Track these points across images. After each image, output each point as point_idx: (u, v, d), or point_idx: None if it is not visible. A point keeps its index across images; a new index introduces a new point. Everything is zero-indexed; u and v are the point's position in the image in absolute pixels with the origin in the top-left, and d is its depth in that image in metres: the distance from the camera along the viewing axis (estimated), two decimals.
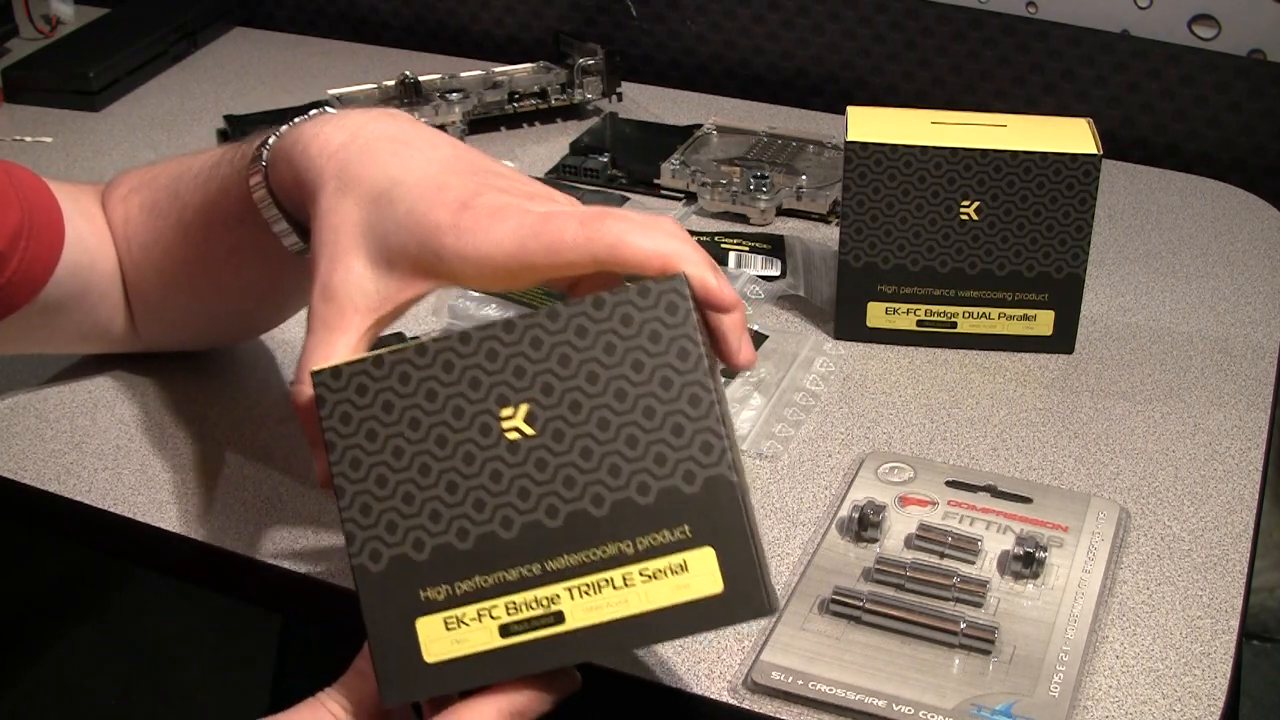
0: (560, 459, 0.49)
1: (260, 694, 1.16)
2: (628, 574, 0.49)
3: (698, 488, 0.48)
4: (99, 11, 1.28)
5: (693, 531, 0.48)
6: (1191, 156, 1.08)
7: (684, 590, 0.48)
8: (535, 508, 0.49)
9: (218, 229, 0.68)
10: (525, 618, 0.49)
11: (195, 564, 0.69)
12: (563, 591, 0.49)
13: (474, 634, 0.49)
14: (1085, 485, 0.71)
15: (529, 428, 0.49)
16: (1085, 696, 0.58)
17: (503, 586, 0.49)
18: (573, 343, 0.49)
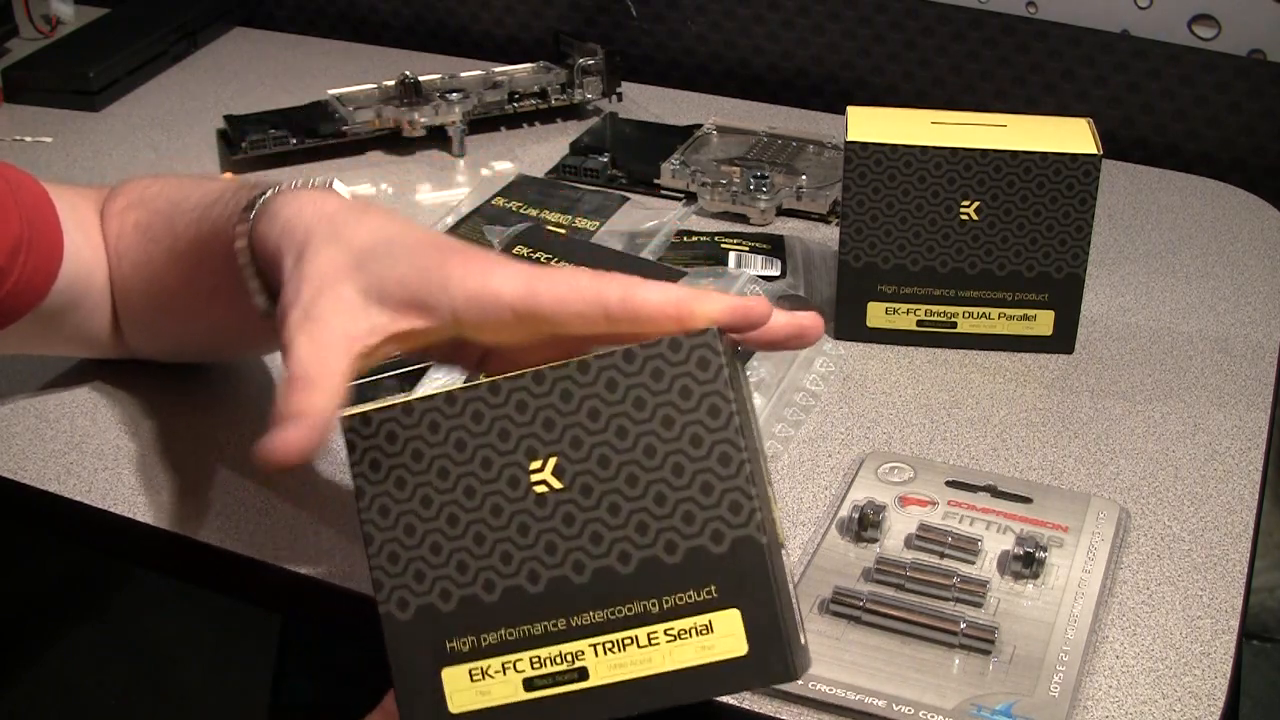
0: (588, 514, 0.49)
1: (260, 694, 1.16)
2: (652, 633, 0.48)
3: (725, 548, 0.48)
4: (99, 11, 1.28)
5: (719, 592, 0.48)
6: (1191, 156, 1.08)
7: (708, 651, 0.48)
8: (562, 563, 0.49)
9: (204, 268, 0.67)
10: (549, 672, 0.49)
11: (195, 564, 0.69)
12: (587, 648, 0.49)
13: (498, 686, 0.49)
14: (1085, 485, 0.71)
15: (557, 481, 0.49)
16: (1085, 696, 0.58)
17: (528, 640, 0.49)
18: (602, 396, 0.49)
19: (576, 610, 0.49)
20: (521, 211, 0.94)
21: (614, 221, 0.94)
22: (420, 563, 0.50)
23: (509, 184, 0.99)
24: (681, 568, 0.48)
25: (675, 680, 0.48)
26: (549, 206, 0.95)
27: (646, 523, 0.48)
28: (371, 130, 1.05)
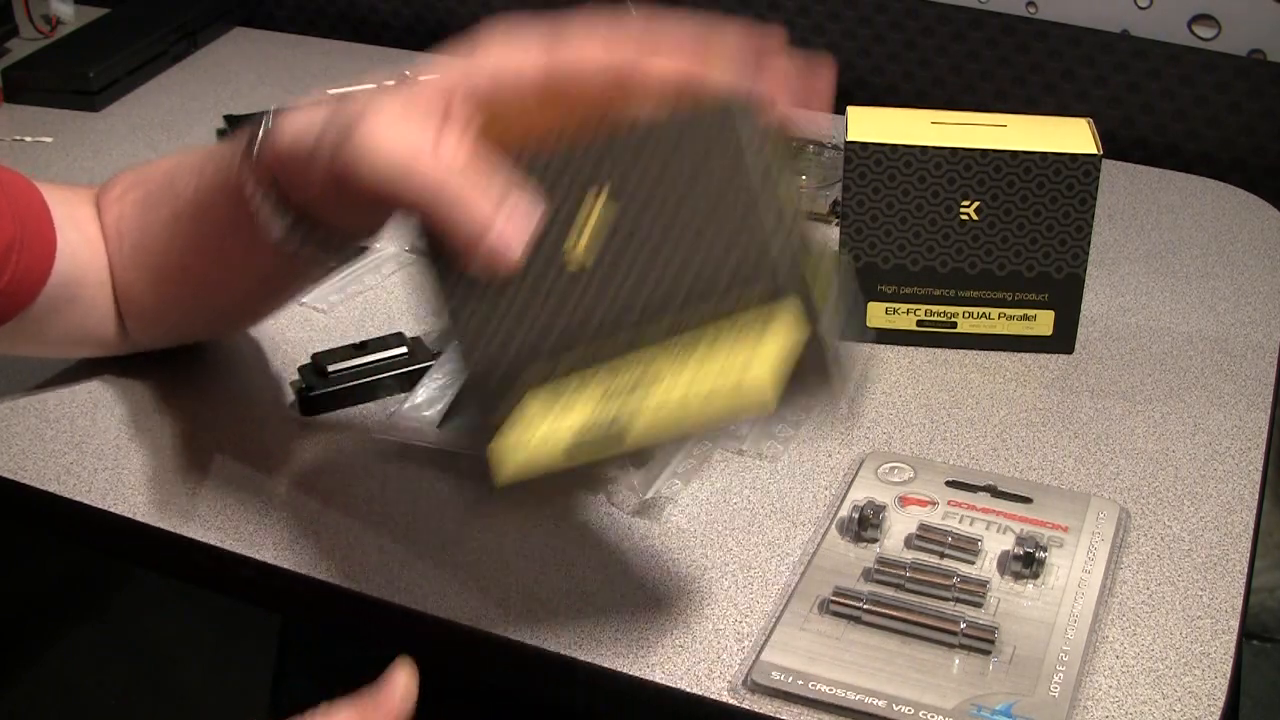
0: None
1: (260, 694, 1.16)
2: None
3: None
4: (99, 11, 1.28)
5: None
6: (1191, 156, 1.08)
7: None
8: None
9: (209, 216, 0.67)
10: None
11: (195, 564, 0.69)
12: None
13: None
14: (1085, 485, 0.71)
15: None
16: (1085, 696, 0.58)
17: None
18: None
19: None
20: None
21: None
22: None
23: None
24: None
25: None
26: None
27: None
28: None
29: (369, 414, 0.76)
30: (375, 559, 0.66)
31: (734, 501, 0.70)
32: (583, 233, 0.52)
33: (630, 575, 0.65)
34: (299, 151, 0.60)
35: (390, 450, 0.74)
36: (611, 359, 0.52)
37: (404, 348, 0.78)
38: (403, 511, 0.69)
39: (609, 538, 0.67)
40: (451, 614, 0.63)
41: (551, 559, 0.66)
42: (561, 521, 0.68)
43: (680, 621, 0.62)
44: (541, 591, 0.64)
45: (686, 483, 0.71)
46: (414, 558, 0.66)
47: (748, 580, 0.65)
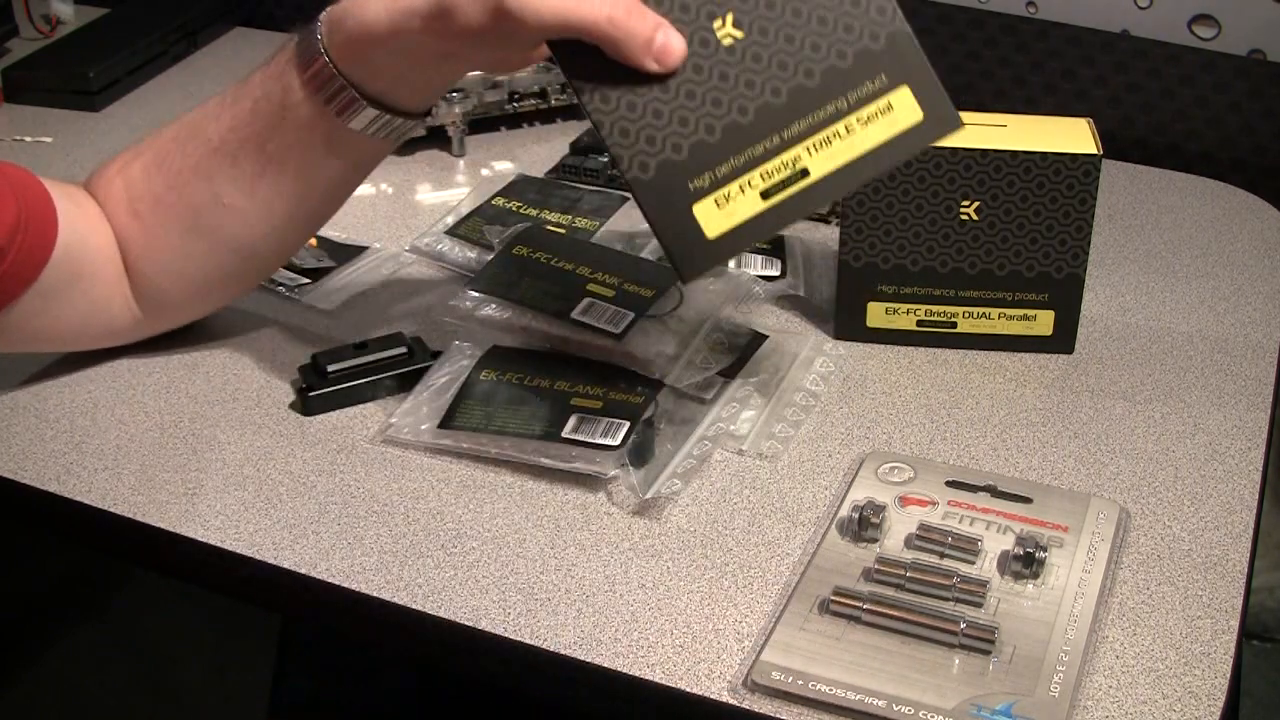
0: (770, 48, 0.62)
1: (260, 694, 1.16)
2: (848, 124, 0.62)
3: (883, 43, 0.62)
4: (99, 11, 1.28)
5: (888, 78, 0.62)
6: (1191, 156, 1.08)
7: (894, 125, 0.62)
8: (762, 92, 0.62)
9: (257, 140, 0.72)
10: (779, 180, 0.62)
11: (195, 564, 0.69)
12: (802, 151, 0.62)
13: (740, 205, 0.62)
14: (1085, 485, 0.71)
15: (738, 30, 0.62)
16: (1085, 696, 0.58)
17: (753, 160, 0.62)
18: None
19: (785, 125, 0.62)
20: (521, 211, 0.94)
21: (614, 221, 0.93)
22: (648, 129, 0.62)
23: (509, 184, 0.99)
24: (854, 68, 0.62)
25: (875, 154, 0.62)
26: (549, 206, 0.95)
27: (817, 42, 0.62)
28: None
29: (369, 414, 0.76)
30: (375, 559, 0.66)
31: (734, 501, 0.70)
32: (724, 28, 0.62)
33: (630, 575, 0.65)
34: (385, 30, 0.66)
35: (390, 450, 0.74)
36: (763, 160, 0.62)
37: (404, 348, 0.78)
38: (403, 511, 0.69)
39: (609, 538, 0.67)
40: (451, 614, 0.63)
41: (551, 559, 0.66)
42: (561, 521, 0.68)
43: (680, 621, 0.62)
44: (541, 591, 0.64)
45: (686, 483, 0.71)
46: (414, 558, 0.66)
47: (748, 580, 0.65)
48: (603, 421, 0.71)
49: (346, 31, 0.68)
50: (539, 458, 0.71)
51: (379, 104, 0.70)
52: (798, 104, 0.62)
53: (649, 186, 0.62)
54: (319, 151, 0.72)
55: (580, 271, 0.80)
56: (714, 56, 0.63)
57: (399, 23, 0.66)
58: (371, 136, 0.72)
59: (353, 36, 0.67)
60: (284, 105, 0.71)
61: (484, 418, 0.73)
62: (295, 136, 0.72)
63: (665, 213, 0.62)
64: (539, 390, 0.74)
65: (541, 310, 0.78)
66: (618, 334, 0.76)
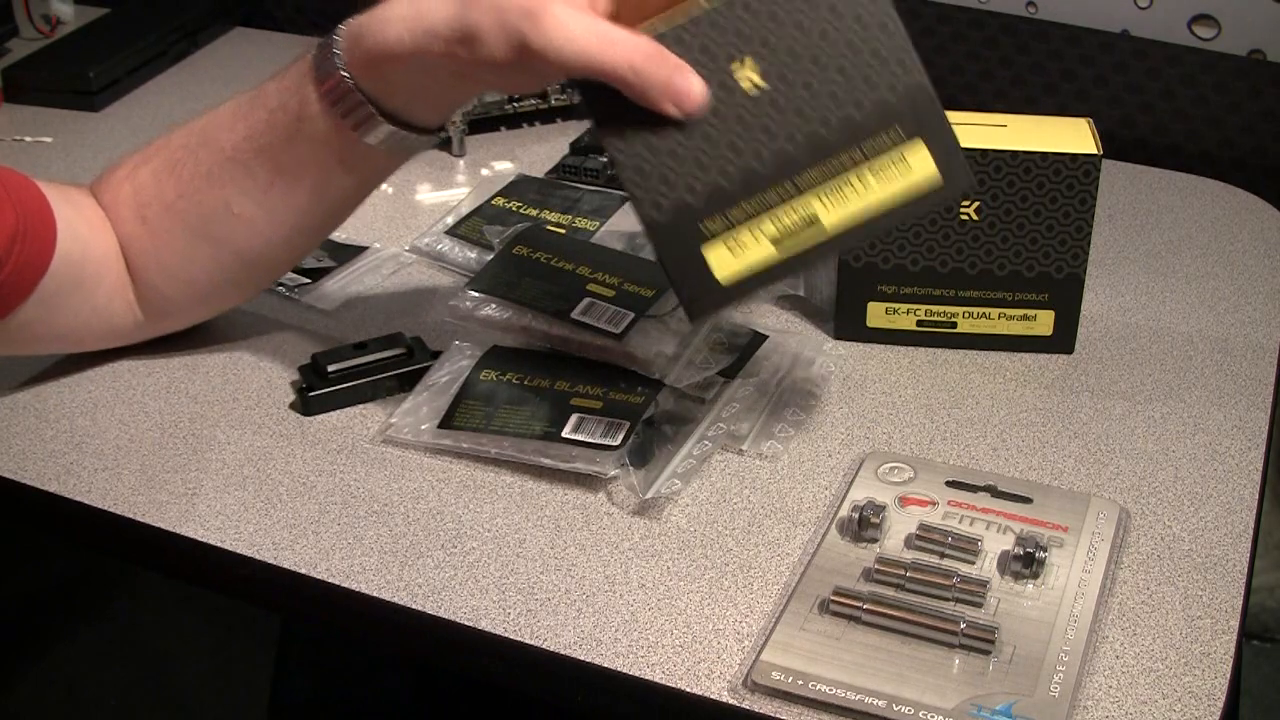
0: (789, 96, 0.62)
1: (260, 694, 1.16)
2: (861, 175, 0.62)
3: (901, 96, 0.62)
4: (99, 11, 1.28)
5: (904, 132, 0.62)
6: (1191, 156, 1.08)
7: (908, 180, 0.62)
8: (779, 139, 0.62)
9: (271, 151, 0.72)
10: (791, 227, 0.62)
11: (195, 564, 0.69)
12: (814, 200, 0.62)
13: (753, 251, 0.63)
14: (1085, 485, 0.71)
15: (759, 77, 0.62)
16: (1085, 696, 0.58)
17: (767, 206, 0.62)
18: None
19: (799, 172, 0.62)
20: (521, 211, 0.94)
21: (614, 221, 0.94)
22: (664, 170, 0.62)
23: (509, 184, 0.99)
24: (871, 119, 0.62)
25: (889, 210, 0.62)
26: (549, 206, 0.95)
27: (836, 92, 0.62)
28: None
29: (369, 414, 0.76)
30: (375, 559, 0.66)
31: (734, 501, 0.70)
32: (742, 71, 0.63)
33: (630, 575, 0.65)
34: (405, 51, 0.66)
35: (390, 450, 0.74)
36: (776, 207, 0.62)
37: (404, 348, 0.78)
38: (403, 511, 0.69)
39: (609, 538, 0.67)
40: (451, 614, 0.63)
41: (551, 559, 0.66)
42: (561, 521, 0.68)
43: (680, 621, 0.62)
44: (541, 591, 0.64)
45: (686, 483, 0.71)
46: (414, 558, 0.66)
47: (748, 580, 0.65)
48: (603, 421, 0.71)
49: (366, 49, 0.68)
50: (539, 458, 0.71)
51: (395, 120, 0.70)
52: (813, 152, 0.62)
53: (662, 227, 0.63)
54: (332, 165, 0.73)
55: (580, 271, 0.80)
56: (734, 102, 0.63)
57: (420, 44, 0.66)
58: (385, 151, 0.72)
59: (372, 54, 0.67)
60: (300, 118, 0.71)
61: (484, 418, 0.73)
62: (310, 149, 0.72)
63: (676, 254, 0.63)
64: (539, 390, 0.74)
65: (541, 310, 0.78)
66: (618, 334, 0.76)
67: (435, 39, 0.65)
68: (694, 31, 0.62)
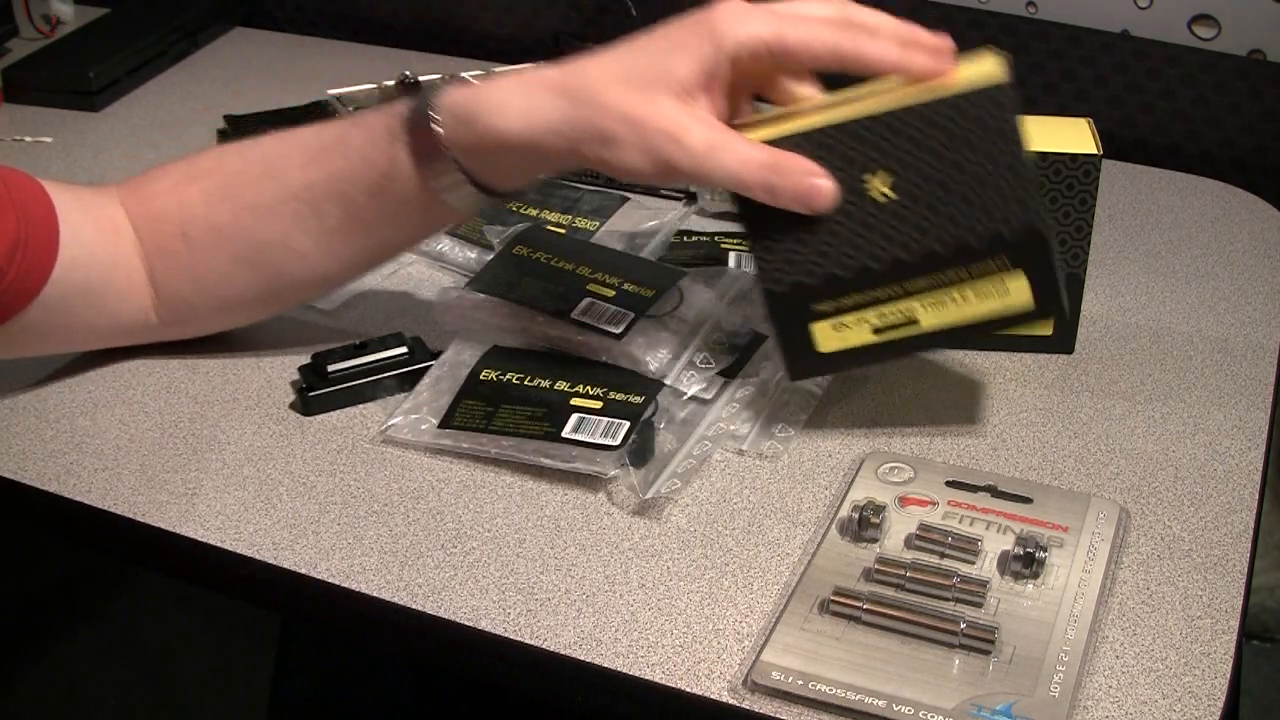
0: (914, 213, 0.66)
1: (260, 694, 1.16)
2: (963, 290, 0.68)
3: (1016, 233, 0.66)
4: (99, 11, 1.28)
5: (1011, 262, 0.67)
6: (1191, 156, 1.08)
7: (1004, 302, 0.68)
8: (896, 246, 0.67)
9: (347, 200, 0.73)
10: (892, 322, 0.69)
11: (195, 564, 0.69)
12: (918, 304, 0.68)
13: (854, 334, 0.69)
14: (1085, 485, 0.71)
15: (890, 191, 0.66)
16: (1085, 696, 0.58)
17: (874, 301, 0.68)
18: (920, 129, 0.65)
19: (909, 278, 0.68)
20: (521, 211, 0.94)
21: (614, 221, 0.94)
22: (790, 252, 0.68)
23: None
24: (984, 245, 0.67)
25: (981, 324, 0.68)
26: (549, 206, 0.95)
27: (956, 216, 0.66)
28: None
29: (369, 414, 0.76)
30: (375, 559, 0.66)
31: (734, 501, 0.70)
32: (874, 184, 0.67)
33: (630, 575, 0.65)
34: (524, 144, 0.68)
35: (390, 450, 0.74)
36: (882, 303, 0.68)
37: (404, 348, 0.78)
38: (403, 511, 0.69)
39: (609, 538, 0.67)
40: (451, 614, 0.63)
41: (551, 559, 0.66)
42: (561, 521, 0.68)
43: (680, 621, 0.62)
44: (541, 591, 0.64)
45: (686, 483, 0.71)
46: (414, 558, 0.66)
47: (748, 580, 0.65)
48: (603, 421, 0.71)
49: (478, 133, 0.68)
50: (539, 458, 0.71)
51: (484, 187, 0.71)
52: (925, 264, 0.67)
53: (778, 299, 0.69)
54: (411, 219, 0.74)
55: (580, 271, 0.80)
56: (863, 206, 0.67)
57: (540, 139, 0.67)
58: (465, 209, 0.73)
59: (484, 139, 0.68)
60: (389, 177, 0.71)
61: (484, 418, 0.73)
62: (395, 206, 0.73)
63: (786, 323, 0.69)
64: (539, 390, 0.74)
65: (541, 310, 0.78)
66: (618, 334, 0.76)
67: (559, 137, 0.67)
68: (838, 137, 0.66)
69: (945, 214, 0.67)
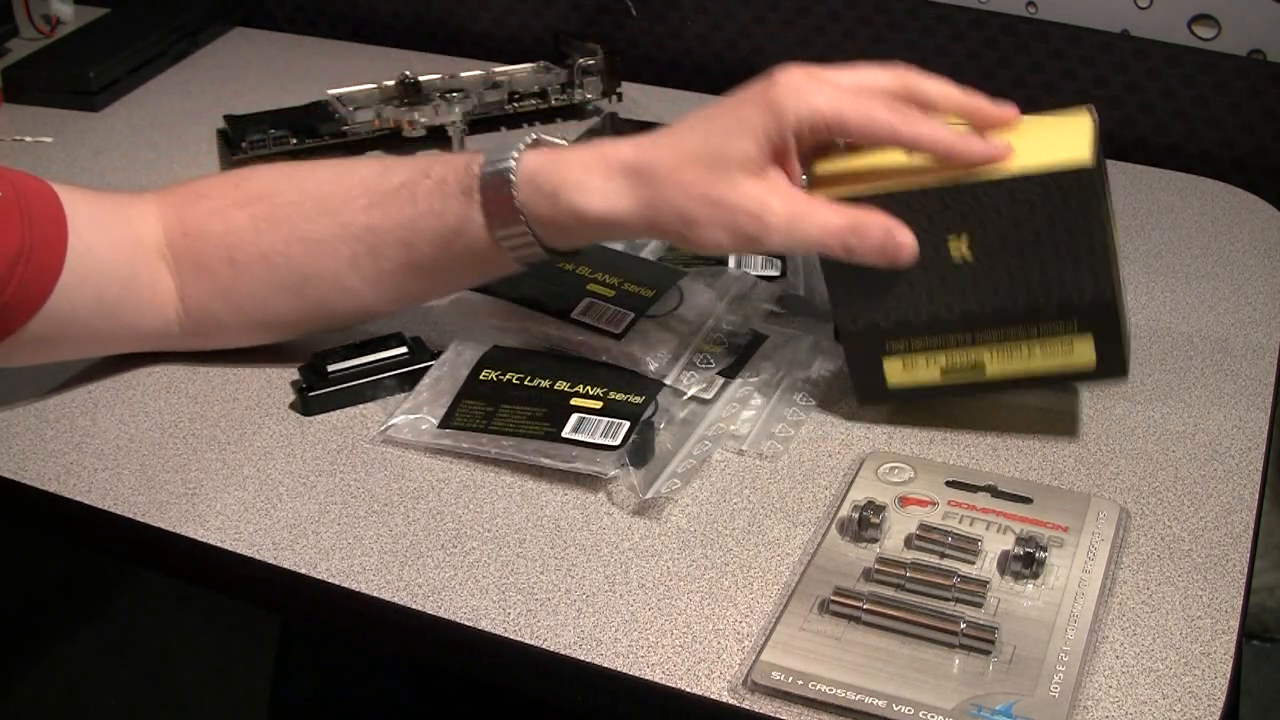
0: (989, 273, 0.69)
1: (260, 694, 1.16)
2: (1030, 345, 0.71)
3: (1085, 298, 0.69)
4: (99, 11, 1.28)
5: (1080, 325, 0.70)
6: (1191, 156, 1.08)
7: (1068, 359, 0.71)
8: (969, 301, 0.70)
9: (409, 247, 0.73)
10: (958, 366, 0.72)
11: (195, 564, 0.69)
12: (985, 352, 0.72)
13: (922, 372, 0.73)
14: (1085, 485, 0.71)
15: (969, 252, 0.69)
16: (1085, 696, 0.58)
17: (944, 345, 0.72)
18: (1006, 200, 0.67)
19: (978, 329, 0.71)
20: None
21: None
22: (867, 295, 0.71)
23: None
24: (1055, 308, 0.70)
25: (1043, 375, 0.72)
26: None
27: (1030, 282, 0.69)
28: (371, 130, 1.05)
29: (369, 414, 0.76)
30: (375, 559, 0.66)
31: (734, 501, 0.70)
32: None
33: (630, 575, 0.65)
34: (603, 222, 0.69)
35: (390, 450, 0.74)
36: (951, 348, 0.72)
37: (404, 348, 0.78)
38: (403, 511, 0.69)
39: (609, 538, 0.67)
40: (451, 614, 0.63)
41: (551, 559, 0.66)
42: (561, 521, 0.68)
43: (680, 621, 0.62)
44: (541, 591, 0.64)
45: (686, 483, 0.71)
46: (414, 558, 0.66)
47: (748, 580, 0.65)
48: (603, 421, 0.71)
49: (560, 209, 0.69)
50: (539, 458, 0.71)
51: (553, 249, 0.72)
52: (996, 319, 0.70)
53: (853, 335, 0.72)
54: (470, 269, 0.75)
55: (580, 271, 0.80)
56: (941, 262, 0.69)
57: (620, 219, 0.69)
58: (527, 264, 0.73)
59: (564, 214, 0.69)
60: (458, 232, 0.72)
61: (484, 418, 0.73)
62: (457, 257, 0.73)
63: (859, 357, 0.73)
64: (539, 390, 0.74)
65: (542, 310, 0.78)
66: (618, 334, 0.76)
67: (639, 218, 0.68)
68: (924, 200, 0.68)
69: (1020, 278, 0.69)
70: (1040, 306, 0.70)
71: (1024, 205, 0.67)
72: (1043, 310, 0.70)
